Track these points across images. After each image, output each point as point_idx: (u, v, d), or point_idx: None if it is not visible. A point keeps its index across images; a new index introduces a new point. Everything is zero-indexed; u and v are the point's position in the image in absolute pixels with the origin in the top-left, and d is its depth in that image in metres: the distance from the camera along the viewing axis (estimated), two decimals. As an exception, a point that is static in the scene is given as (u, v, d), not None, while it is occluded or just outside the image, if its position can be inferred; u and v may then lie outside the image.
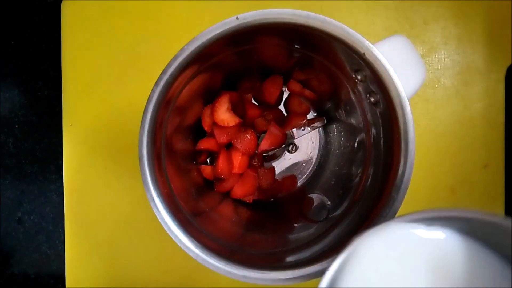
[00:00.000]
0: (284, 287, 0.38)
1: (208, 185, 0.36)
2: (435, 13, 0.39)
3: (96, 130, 0.40)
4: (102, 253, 0.39)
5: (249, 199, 0.36)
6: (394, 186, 0.24)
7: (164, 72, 0.23)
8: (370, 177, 0.27)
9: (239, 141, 0.34)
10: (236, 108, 0.35)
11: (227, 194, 0.36)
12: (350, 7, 0.39)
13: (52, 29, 0.40)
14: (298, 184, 0.37)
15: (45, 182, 0.41)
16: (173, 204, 0.25)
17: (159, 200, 0.23)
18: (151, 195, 0.23)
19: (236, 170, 0.34)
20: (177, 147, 0.31)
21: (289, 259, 0.26)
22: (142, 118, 0.23)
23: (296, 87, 0.35)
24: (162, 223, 0.23)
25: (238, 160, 0.34)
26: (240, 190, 0.35)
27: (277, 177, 0.37)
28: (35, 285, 0.41)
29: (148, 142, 0.23)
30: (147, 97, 0.24)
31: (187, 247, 0.23)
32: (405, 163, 0.23)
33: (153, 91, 0.23)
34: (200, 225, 0.27)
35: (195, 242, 0.23)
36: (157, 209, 0.23)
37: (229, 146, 0.35)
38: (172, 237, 0.23)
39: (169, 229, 0.23)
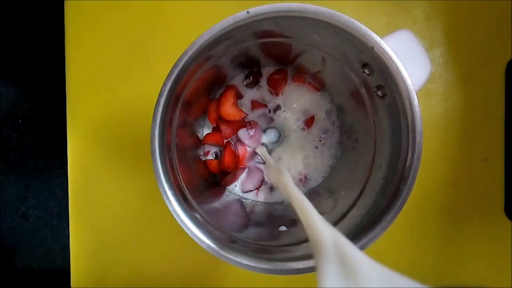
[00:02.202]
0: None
1: (214, 179, 0.36)
2: (437, 9, 0.39)
3: (100, 124, 0.40)
4: (107, 247, 0.40)
5: (255, 193, 0.36)
6: (401, 179, 0.24)
7: (175, 66, 0.23)
8: (377, 170, 0.28)
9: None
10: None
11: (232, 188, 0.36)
12: (352, 2, 0.39)
13: (55, 24, 0.40)
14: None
15: (49, 177, 0.41)
16: (183, 197, 0.25)
17: (171, 192, 0.24)
18: (163, 187, 0.23)
19: (242, 164, 0.34)
20: (184, 141, 0.31)
21: (297, 250, 0.27)
22: (154, 112, 0.23)
23: (301, 81, 0.35)
24: (174, 215, 0.23)
25: (244, 154, 0.34)
26: (246, 184, 0.35)
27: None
28: (40, 280, 0.41)
29: (159, 136, 0.24)
30: (152, 91, 0.24)
31: (199, 238, 0.23)
32: (413, 155, 0.24)
33: (164, 84, 0.23)
34: (208, 218, 0.27)
35: (206, 233, 0.24)
36: (169, 201, 0.23)
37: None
38: (185, 229, 0.23)
39: (181, 221, 0.23)
